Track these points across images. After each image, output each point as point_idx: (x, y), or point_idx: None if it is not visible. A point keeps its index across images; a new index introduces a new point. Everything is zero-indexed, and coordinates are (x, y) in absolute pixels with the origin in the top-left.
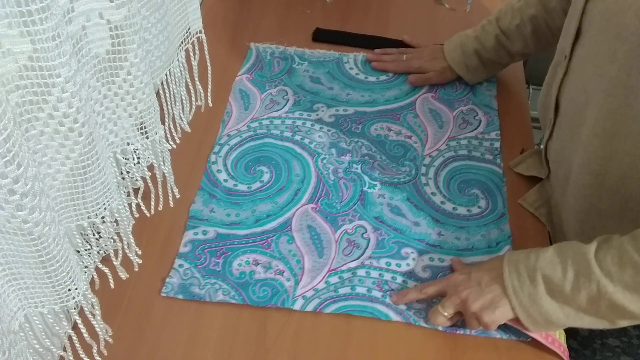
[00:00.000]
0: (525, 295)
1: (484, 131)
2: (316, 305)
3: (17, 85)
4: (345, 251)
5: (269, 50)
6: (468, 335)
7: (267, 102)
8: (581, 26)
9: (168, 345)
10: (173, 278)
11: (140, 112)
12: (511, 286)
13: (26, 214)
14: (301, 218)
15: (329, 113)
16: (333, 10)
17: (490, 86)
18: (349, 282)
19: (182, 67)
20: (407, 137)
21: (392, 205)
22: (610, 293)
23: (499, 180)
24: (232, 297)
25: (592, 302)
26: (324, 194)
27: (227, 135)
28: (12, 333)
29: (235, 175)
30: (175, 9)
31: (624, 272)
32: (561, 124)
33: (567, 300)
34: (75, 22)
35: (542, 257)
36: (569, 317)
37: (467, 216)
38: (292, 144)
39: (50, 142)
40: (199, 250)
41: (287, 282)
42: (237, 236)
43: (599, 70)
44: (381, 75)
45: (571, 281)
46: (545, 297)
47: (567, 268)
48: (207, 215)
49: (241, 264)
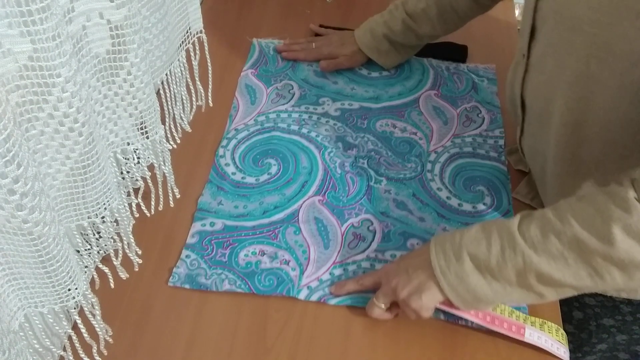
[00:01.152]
0: (452, 274)
1: (488, 129)
2: (320, 297)
3: (17, 85)
4: (351, 244)
5: (271, 45)
6: (468, 334)
7: (273, 96)
8: (535, 24)
9: (168, 345)
10: (180, 268)
11: (141, 112)
12: (438, 266)
13: (26, 214)
14: (308, 210)
15: (334, 107)
16: (333, 10)
17: (490, 83)
18: (354, 274)
19: (183, 67)
20: (412, 134)
21: (398, 200)
22: (536, 263)
23: (504, 177)
24: (238, 287)
25: (519, 275)
26: (331, 187)
27: (235, 129)
28: (12, 333)
29: (243, 168)
30: (175, 9)
31: (547, 242)
32: (530, 119)
33: (495, 275)
34: (75, 22)
35: (466, 235)
36: (497, 293)
37: (472, 212)
38: (299, 137)
39: (51, 142)
40: (206, 242)
41: (292, 272)
42: (245, 228)
43: (559, 64)
44: (383, 70)
45: (496, 255)
46: (473, 274)
47: (492, 242)
48: (215, 208)
49: (247, 255)
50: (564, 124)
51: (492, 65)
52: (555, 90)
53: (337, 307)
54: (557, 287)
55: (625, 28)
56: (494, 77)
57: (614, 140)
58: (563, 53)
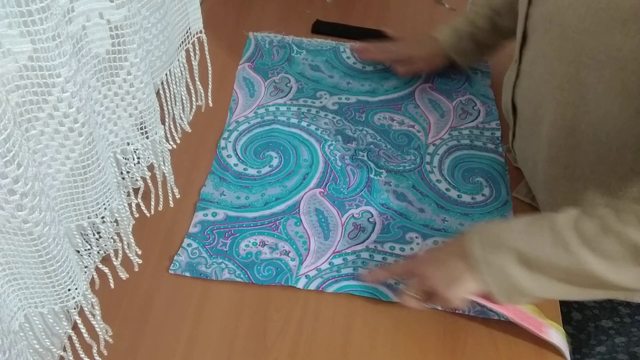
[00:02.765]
0: (493, 266)
1: (484, 121)
2: (319, 285)
3: (17, 85)
4: (351, 234)
5: (267, 39)
6: (468, 334)
7: (271, 89)
8: (526, 30)
9: (168, 345)
10: (181, 256)
11: (141, 112)
12: (479, 257)
13: (26, 214)
14: (309, 201)
15: (332, 101)
16: (333, 10)
17: (484, 76)
18: (352, 263)
19: (183, 67)
20: (410, 127)
21: (398, 192)
22: (590, 263)
23: (502, 169)
24: (237, 276)
25: (569, 272)
26: (332, 179)
27: (236, 122)
28: (12, 333)
29: (245, 159)
30: (175, 9)
31: (605, 242)
32: (521, 123)
33: (542, 270)
34: (75, 22)
35: (511, 228)
36: (542, 288)
37: (471, 204)
38: (299, 130)
39: (51, 142)
40: (207, 231)
41: (291, 262)
42: (246, 219)
43: (549, 69)
44: (378, 64)
45: (547, 251)
46: (516, 267)
47: (543, 238)
48: (217, 198)
49: (248, 245)
50: (557, 128)
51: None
52: (546, 95)
53: (337, 307)
54: (608, 289)
55: (613, 35)
56: (488, 70)
57: (609, 144)
58: (553, 59)
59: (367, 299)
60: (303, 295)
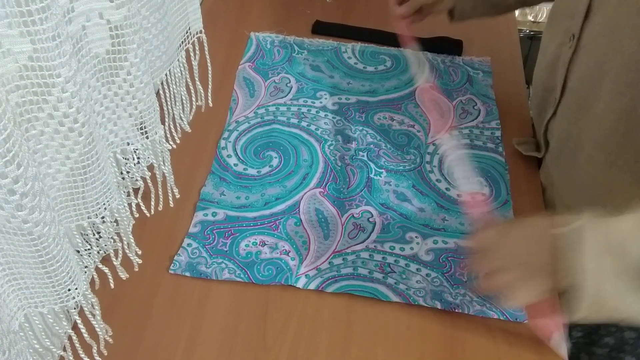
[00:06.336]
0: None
1: (484, 120)
2: (318, 284)
3: (17, 85)
4: (351, 234)
5: (268, 39)
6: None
7: (271, 89)
8: (592, 4)
9: (168, 345)
10: (181, 256)
11: (140, 112)
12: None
13: (26, 214)
14: (309, 201)
15: (332, 101)
16: (333, 10)
17: (485, 76)
18: (352, 263)
19: (183, 67)
20: (410, 127)
21: (398, 192)
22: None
23: (502, 168)
24: (237, 276)
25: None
26: (332, 179)
27: (236, 122)
28: (12, 333)
29: (245, 159)
30: (175, 9)
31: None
32: (568, 102)
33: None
34: (75, 22)
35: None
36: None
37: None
38: (299, 130)
39: (50, 142)
40: (207, 231)
41: (291, 262)
42: (246, 218)
43: (615, 46)
44: (379, 65)
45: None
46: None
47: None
48: (217, 198)
49: (248, 245)
50: (612, 109)
51: (487, 58)
52: (607, 73)
53: (337, 307)
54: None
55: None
56: (489, 70)
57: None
58: (623, 35)
59: (367, 299)
60: (303, 295)
